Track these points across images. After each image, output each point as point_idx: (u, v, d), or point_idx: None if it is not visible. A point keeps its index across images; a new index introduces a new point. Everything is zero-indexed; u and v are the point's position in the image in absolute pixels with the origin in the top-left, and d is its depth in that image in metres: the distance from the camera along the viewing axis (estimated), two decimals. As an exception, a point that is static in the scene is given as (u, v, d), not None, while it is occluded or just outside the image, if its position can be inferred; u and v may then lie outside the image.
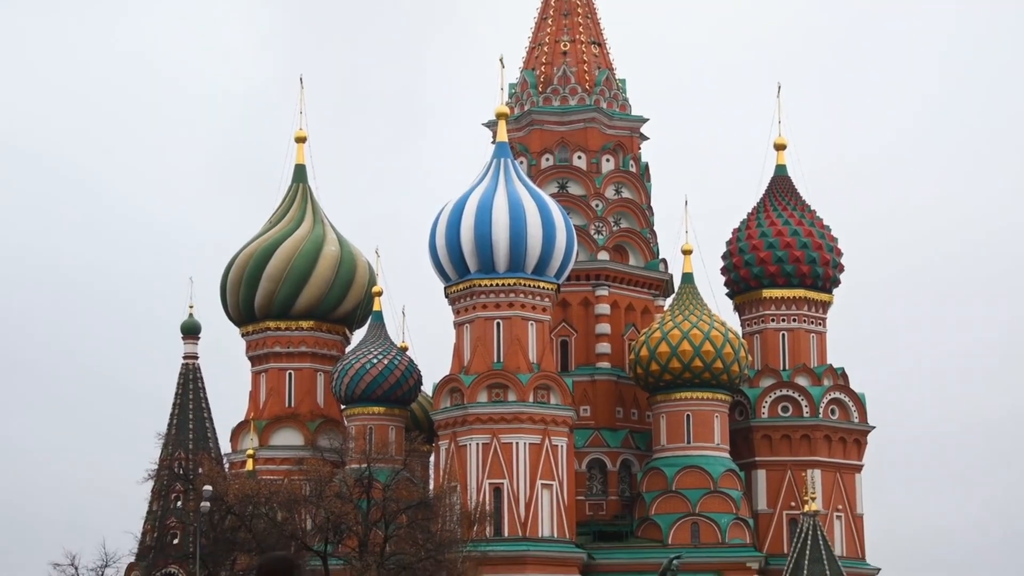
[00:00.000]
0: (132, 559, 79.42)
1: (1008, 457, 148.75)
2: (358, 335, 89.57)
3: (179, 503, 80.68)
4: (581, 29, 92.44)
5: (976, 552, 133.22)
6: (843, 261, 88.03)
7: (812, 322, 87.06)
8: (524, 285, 78.25)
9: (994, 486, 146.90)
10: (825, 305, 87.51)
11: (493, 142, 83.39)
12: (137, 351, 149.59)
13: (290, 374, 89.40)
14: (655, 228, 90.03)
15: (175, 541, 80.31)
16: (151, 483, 79.04)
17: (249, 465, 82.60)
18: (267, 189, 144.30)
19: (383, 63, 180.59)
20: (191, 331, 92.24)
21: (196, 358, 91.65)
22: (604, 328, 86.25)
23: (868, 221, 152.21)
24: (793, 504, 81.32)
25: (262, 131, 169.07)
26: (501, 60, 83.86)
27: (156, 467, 78.47)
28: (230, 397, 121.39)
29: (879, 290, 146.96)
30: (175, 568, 77.51)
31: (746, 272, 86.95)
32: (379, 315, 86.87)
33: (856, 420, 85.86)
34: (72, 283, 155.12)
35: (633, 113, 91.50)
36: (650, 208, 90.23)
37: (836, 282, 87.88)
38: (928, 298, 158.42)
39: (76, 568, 67.75)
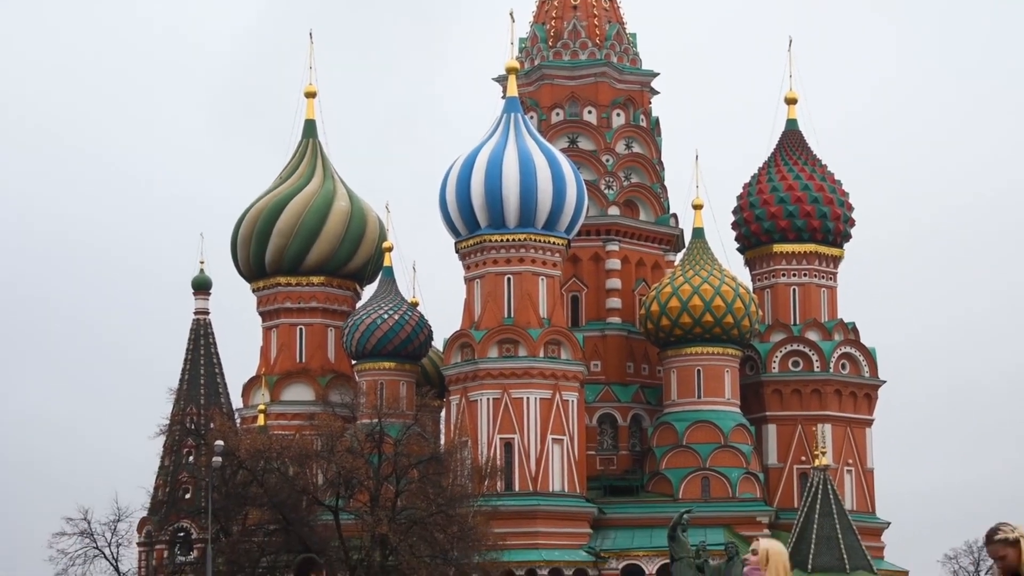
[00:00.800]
0: (144, 514, 79.82)
1: (1020, 412, 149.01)
2: (369, 290, 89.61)
3: (191, 458, 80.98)
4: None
5: (986, 507, 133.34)
6: (854, 215, 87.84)
7: (823, 277, 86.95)
8: (534, 240, 78.20)
9: (1006, 441, 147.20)
10: (836, 259, 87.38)
11: (503, 97, 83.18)
12: (148, 307, 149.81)
13: (301, 329, 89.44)
14: (665, 183, 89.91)
15: (187, 496, 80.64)
16: (163, 438, 79.34)
17: (260, 420, 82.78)
18: (277, 145, 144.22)
19: (393, 18, 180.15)
20: (202, 287, 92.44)
21: (207, 313, 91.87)
22: (614, 283, 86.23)
23: (879, 175, 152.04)
24: (803, 459, 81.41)
25: (272, 86, 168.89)
26: (511, 14, 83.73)
27: (168, 422, 78.72)
28: (241, 352, 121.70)
29: (890, 244, 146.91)
30: (187, 523, 77.84)
31: (757, 227, 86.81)
32: (389, 270, 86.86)
33: (867, 374, 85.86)
34: (82, 240, 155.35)
35: (643, 67, 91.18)
36: (660, 163, 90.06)
37: (847, 236, 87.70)
38: (939, 252, 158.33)
39: (89, 522, 68.08)
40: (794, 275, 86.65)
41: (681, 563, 52.78)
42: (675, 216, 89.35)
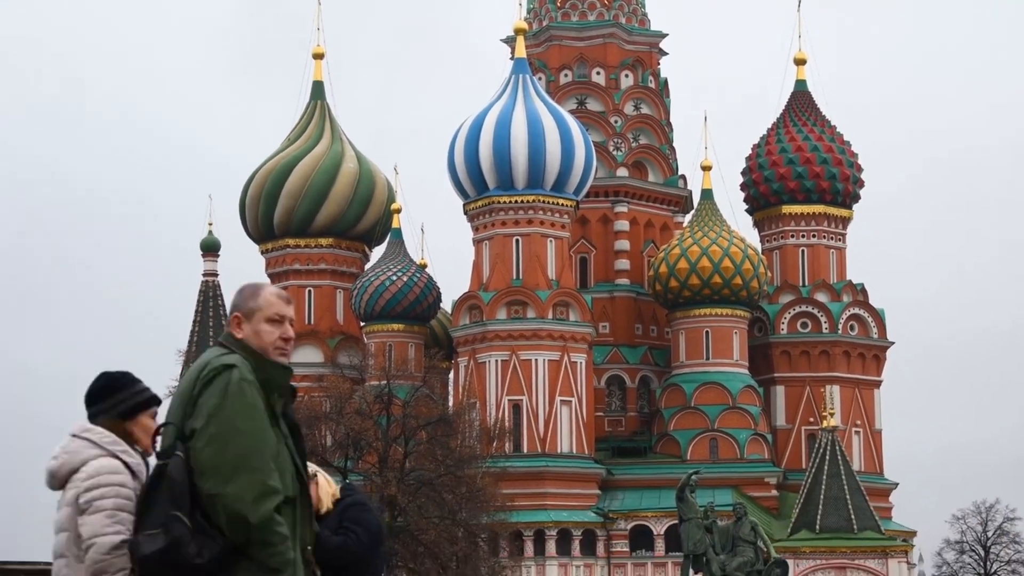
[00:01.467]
0: (154, 476, 79.95)
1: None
2: (377, 252, 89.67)
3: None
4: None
5: (995, 467, 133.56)
6: (863, 176, 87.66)
7: (831, 238, 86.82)
8: (543, 202, 78.10)
9: (1014, 401, 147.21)
10: (845, 220, 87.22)
11: (511, 58, 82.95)
12: (157, 269, 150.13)
13: (309, 291, 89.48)
14: (674, 144, 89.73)
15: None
16: (172, 400, 79.37)
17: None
18: (286, 106, 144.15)
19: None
20: (210, 248, 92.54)
21: (216, 275, 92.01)
22: (623, 245, 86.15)
23: (888, 136, 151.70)
24: (812, 420, 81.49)
25: (281, 48, 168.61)
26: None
27: (177, 384, 78.82)
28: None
29: (899, 205, 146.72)
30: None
31: (765, 188, 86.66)
32: (398, 232, 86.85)
33: (875, 336, 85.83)
34: (91, 201, 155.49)
35: (652, 28, 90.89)
36: (669, 124, 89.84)
37: (856, 197, 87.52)
38: (948, 213, 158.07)
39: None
40: (803, 236, 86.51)
41: (689, 524, 52.80)
42: (684, 177, 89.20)
